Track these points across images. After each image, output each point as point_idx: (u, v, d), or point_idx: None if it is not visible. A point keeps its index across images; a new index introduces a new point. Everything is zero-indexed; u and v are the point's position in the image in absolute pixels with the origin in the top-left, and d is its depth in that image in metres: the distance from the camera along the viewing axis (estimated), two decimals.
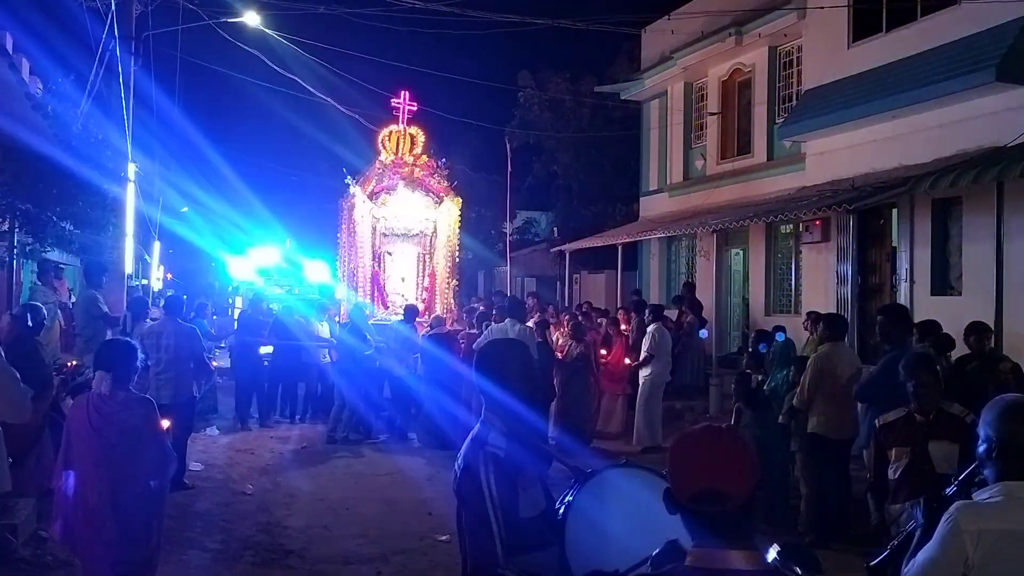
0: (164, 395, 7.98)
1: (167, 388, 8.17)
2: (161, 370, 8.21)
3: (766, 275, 15.53)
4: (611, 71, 24.82)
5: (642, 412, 10.66)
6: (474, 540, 2.57)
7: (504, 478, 2.54)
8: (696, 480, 1.78)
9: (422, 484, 8.88)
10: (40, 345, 6.78)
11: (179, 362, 8.35)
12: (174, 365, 8.30)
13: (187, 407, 8.45)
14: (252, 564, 6.28)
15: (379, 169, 14.40)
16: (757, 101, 15.88)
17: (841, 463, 7.11)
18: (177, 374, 8.32)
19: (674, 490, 1.81)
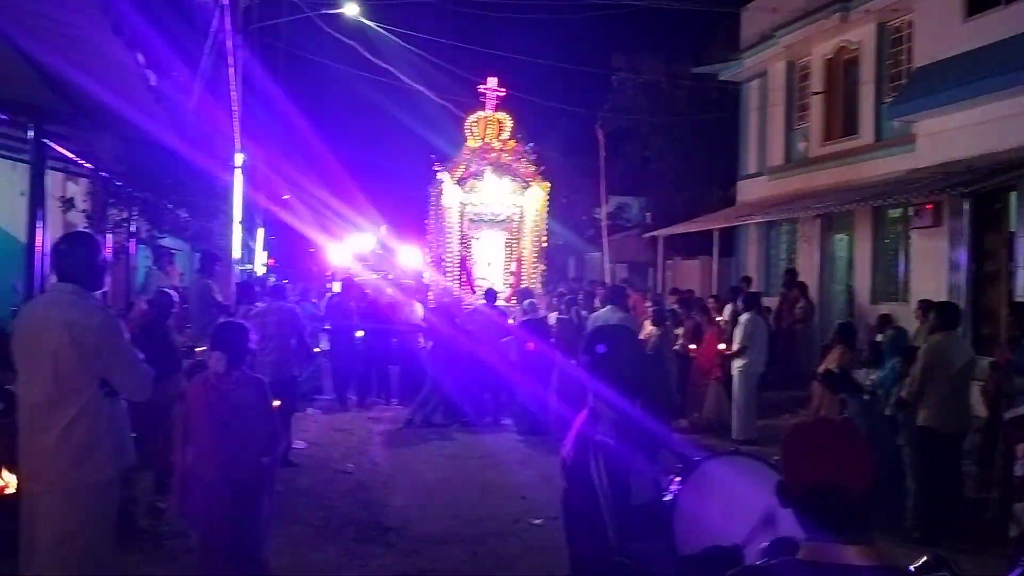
0: (265, 374, 8.25)
1: (268, 367, 8.46)
2: (264, 350, 8.52)
3: (873, 262, 14.92)
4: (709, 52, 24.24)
5: (737, 405, 10.42)
6: (584, 527, 2.57)
7: (615, 464, 2.53)
8: (812, 473, 1.73)
9: (515, 468, 8.94)
10: (170, 329, 7.17)
11: (281, 341, 8.64)
12: (276, 345, 8.59)
13: (288, 386, 8.71)
14: (353, 540, 6.47)
15: (467, 155, 14.51)
16: (864, 80, 15.23)
17: (952, 458, 6.80)
18: (279, 354, 8.60)
19: (788, 483, 1.77)
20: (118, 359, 3.61)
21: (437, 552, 6.24)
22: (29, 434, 3.59)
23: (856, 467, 1.72)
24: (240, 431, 4.26)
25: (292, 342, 8.84)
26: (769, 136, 18.44)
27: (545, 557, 6.12)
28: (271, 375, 8.28)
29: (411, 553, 6.22)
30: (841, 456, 1.73)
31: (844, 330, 8.98)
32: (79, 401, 3.55)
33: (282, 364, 8.59)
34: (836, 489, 1.69)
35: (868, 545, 1.71)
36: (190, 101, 7.86)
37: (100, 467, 3.59)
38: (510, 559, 6.17)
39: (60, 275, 3.73)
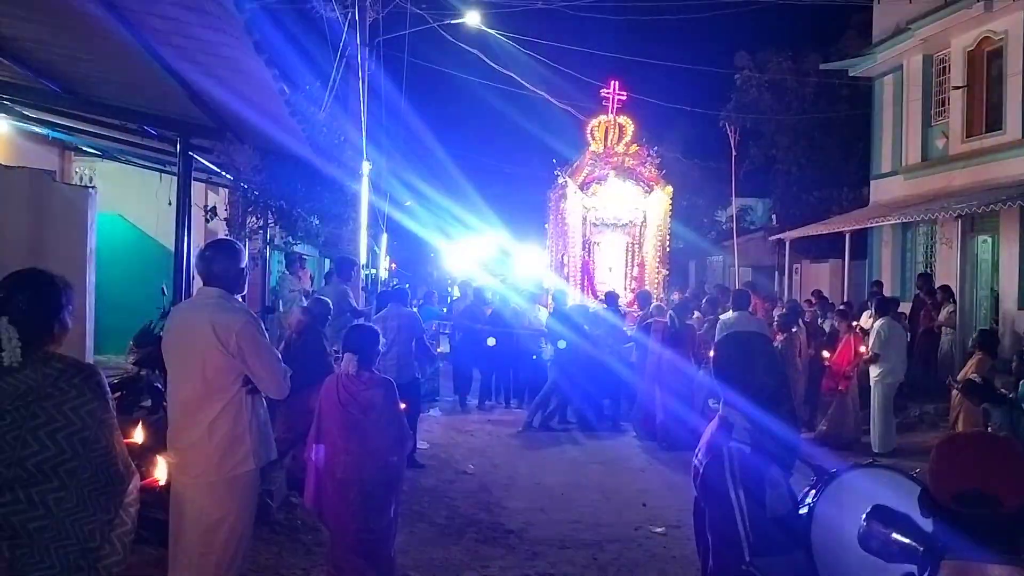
0: (397, 377, 8.50)
1: (391, 370, 8.69)
2: (386, 352, 8.79)
3: (1020, 265, 13.91)
4: (838, 47, 23.30)
5: (875, 416, 9.92)
6: (718, 537, 2.52)
7: (750, 474, 2.47)
8: (962, 479, 1.63)
9: (636, 475, 8.86)
10: (323, 335, 7.53)
11: (402, 345, 8.86)
12: (397, 348, 8.81)
13: (411, 388, 8.91)
14: (475, 540, 6.56)
15: (590, 159, 14.47)
16: (1011, 72, 14.24)
17: None
18: (400, 356, 8.82)
19: (934, 490, 1.67)
20: (259, 358, 3.80)
21: (557, 556, 6.25)
22: (178, 430, 3.83)
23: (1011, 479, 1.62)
24: (369, 430, 4.41)
25: (412, 345, 9.06)
26: (905, 133, 17.51)
27: (667, 566, 6.03)
28: (394, 377, 8.55)
29: (532, 556, 6.25)
30: (996, 465, 1.63)
31: (985, 337, 8.45)
32: (224, 398, 3.75)
33: (403, 367, 8.81)
34: (987, 499, 1.60)
35: (1018, 565, 1.59)
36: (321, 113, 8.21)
37: (243, 461, 3.78)
38: (631, 566, 6.10)
39: (205, 280, 3.96)
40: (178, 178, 6.22)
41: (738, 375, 2.64)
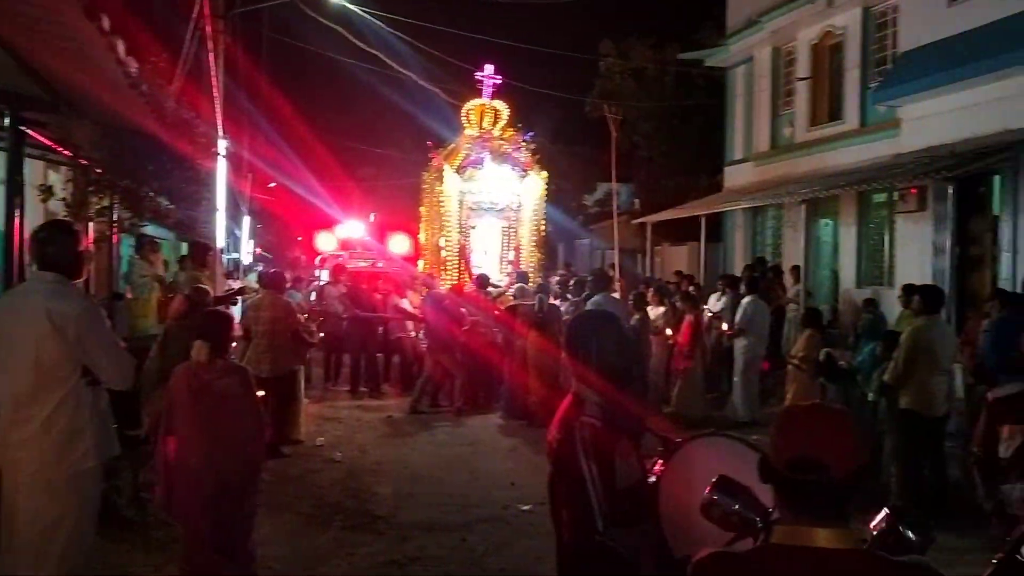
0: (264, 368, 8.22)
1: (266, 361, 8.42)
2: (260, 343, 8.48)
3: (857, 246, 14.99)
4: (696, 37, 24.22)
5: (738, 387, 10.47)
6: (572, 510, 2.58)
7: (601, 447, 2.53)
8: (797, 445, 1.72)
9: (504, 455, 8.97)
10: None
11: (275, 335, 8.54)
12: (272, 338, 8.51)
13: (287, 379, 8.63)
14: (342, 528, 6.47)
15: (465, 143, 14.44)
16: (849, 65, 15.25)
17: (936, 440, 6.86)
18: (275, 347, 8.51)
19: (772, 457, 1.76)
20: (100, 347, 3.58)
21: (426, 539, 6.25)
22: (10, 425, 3.55)
23: (841, 448, 1.71)
24: (224, 421, 4.24)
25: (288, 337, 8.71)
26: (755, 122, 18.46)
27: (535, 543, 6.13)
28: (268, 370, 8.27)
29: (400, 540, 6.22)
30: (827, 435, 1.72)
31: (811, 315, 9.12)
32: (61, 390, 3.52)
33: (278, 358, 8.51)
34: (817, 467, 1.68)
35: (843, 529, 1.69)
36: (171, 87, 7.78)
37: (83, 457, 3.56)
38: (499, 545, 6.18)
39: (40, 264, 3.69)
40: (8, 154, 5.75)
41: (589, 353, 2.71)
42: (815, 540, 1.68)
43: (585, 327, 2.82)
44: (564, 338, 2.85)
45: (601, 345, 2.70)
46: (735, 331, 10.57)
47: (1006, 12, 10.97)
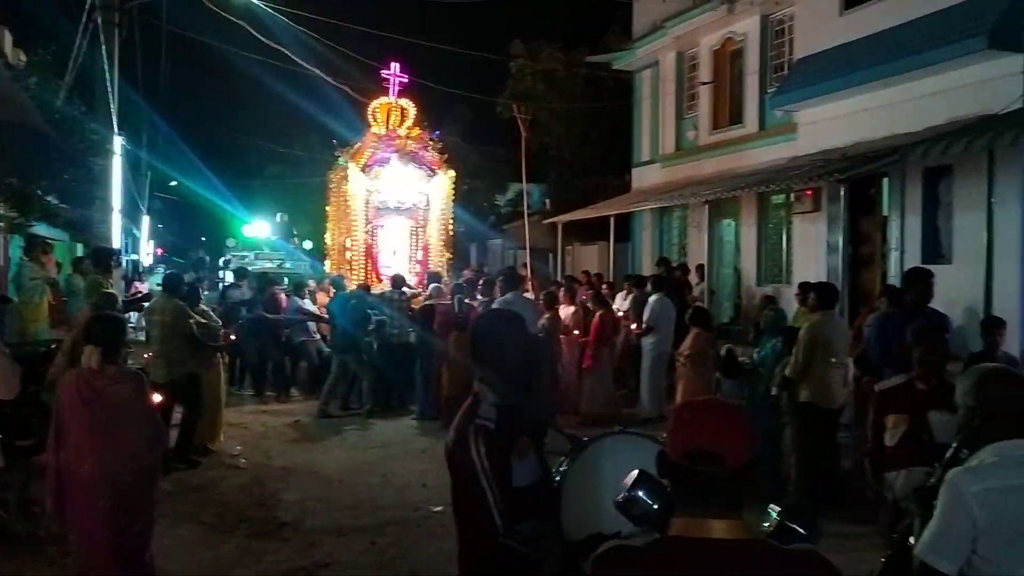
0: (159, 374, 7.97)
1: (160, 366, 8.13)
2: (154, 348, 8.17)
3: (757, 245, 15.54)
4: (604, 41, 24.63)
5: (645, 383, 10.68)
6: (469, 512, 2.58)
7: (496, 449, 2.54)
8: (692, 438, 1.76)
9: (416, 456, 8.90)
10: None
11: (173, 340, 8.23)
12: (168, 343, 8.21)
13: (186, 385, 8.33)
14: (247, 536, 6.31)
15: (371, 142, 14.30)
16: (749, 70, 15.79)
17: (831, 432, 7.17)
18: (169, 351, 8.21)
19: (669, 450, 1.80)
20: None
21: (335, 544, 6.16)
22: None
23: (735, 441, 1.76)
24: (117, 428, 4.06)
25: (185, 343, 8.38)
26: (662, 124, 18.89)
27: (446, 544, 6.07)
28: (164, 376, 7.97)
29: (308, 547, 6.11)
30: (721, 428, 1.77)
31: (698, 313, 9.42)
32: None
33: (174, 363, 8.21)
34: (711, 458, 1.73)
35: (736, 520, 1.75)
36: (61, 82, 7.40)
37: None
38: (410, 547, 6.15)
39: None
40: None
41: (491, 352, 2.72)
42: (711, 531, 1.72)
43: (489, 326, 2.83)
44: (469, 337, 2.84)
45: (504, 345, 2.72)
46: (643, 328, 10.81)
47: (893, 22, 11.57)
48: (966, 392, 2.62)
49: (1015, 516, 2.36)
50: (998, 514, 2.36)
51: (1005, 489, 2.38)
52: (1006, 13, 9.92)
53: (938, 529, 2.46)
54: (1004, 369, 2.75)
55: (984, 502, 2.37)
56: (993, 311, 8.95)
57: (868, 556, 5.60)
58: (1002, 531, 2.36)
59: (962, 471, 2.51)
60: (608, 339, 10.72)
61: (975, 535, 2.38)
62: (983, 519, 2.37)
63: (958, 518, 2.41)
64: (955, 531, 2.42)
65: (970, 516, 2.38)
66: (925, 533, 2.51)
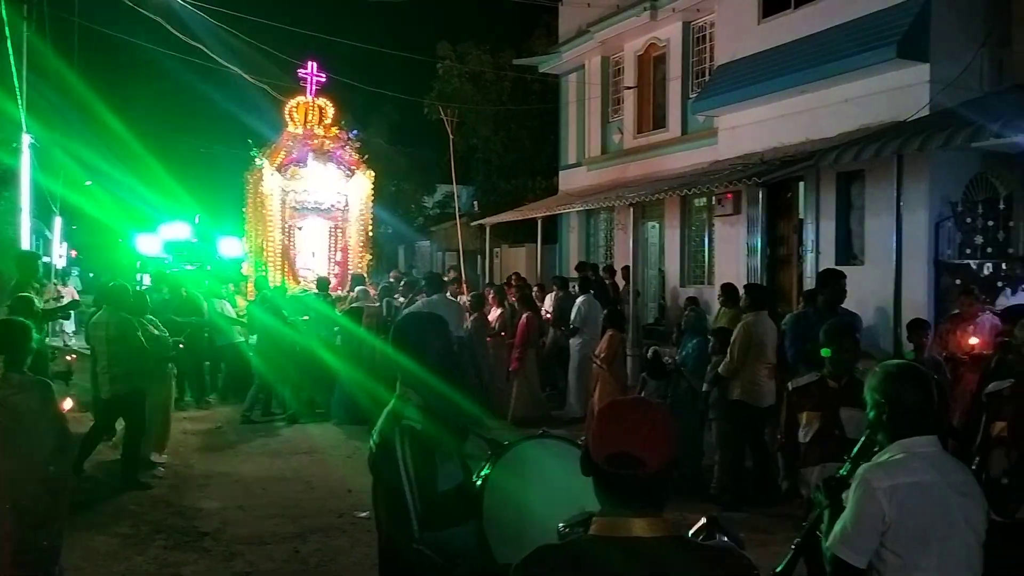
0: (104, 389, 7.73)
1: (107, 382, 7.76)
2: (102, 364, 7.79)
3: (681, 247, 15.85)
4: (530, 44, 24.78)
5: (572, 384, 10.76)
6: (389, 515, 2.55)
7: (420, 452, 2.53)
8: (614, 442, 1.78)
9: (341, 461, 8.78)
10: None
11: (119, 355, 7.76)
12: (114, 358, 7.75)
13: (131, 401, 7.86)
14: (164, 548, 6.12)
15: (288, 141, 14.09)
16: (672, 76, 16.09)
17: (761, 429, 7.33)
18: (116, 367, 7.75)
19: (592, 451, 1.82)
20: None
21: (257, 554, 6.02)
22: None
23: (656, 443, 1.78)
24: (23, 440, 3.88)
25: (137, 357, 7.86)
26: (587, 128, 19.11)
27: (371, 550, 6.01)
28: (109, 391, 7.73)
29: (229, 557, 5.96)
30: (642, 431, 1.78)
31: (612, 315, 9.60)
32: None
33: (120, 378, 7.74)
34: (633, 461, 1.75)
35: (657, 517, 1.78)
36: None
37: None
38: (334, 554, 6.06)
39: None
40: None
41: (413, 355, 2.70)
42: (632, 529, 1.75)
43: (410, 329, 2.81)
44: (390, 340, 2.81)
45: (426, 347, 2.70)
46: (570, 330, 10.90)
47: (808, 31, 11.96)
48: (874, 388, 2.70)
49: (920, 510, 2.46)
50: (905, 509, 2.46)
51: (911, 484, 2.48)
52: (914, 24, 10.36)
53: (849, 524, 2.54)
54: (910, 366, 2.84)
55: (892, 497, 2.46)
56: (902, 310, 9.33)
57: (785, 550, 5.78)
58: (908, 525, 2.46)
59: (872, 467, 2.60)
60: (534, 341, 10.77)
61: (884, 529, 2.47)
62: (891, 514, 2.46)
63: (868, 513, 2.49)
64: (865, 526, 2.50)
65: (880, 511, 2.47)
66: (836, 527, 2.59)
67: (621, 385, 9.11)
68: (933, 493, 2.48)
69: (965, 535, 2.48)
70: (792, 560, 2.86)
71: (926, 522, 2.46)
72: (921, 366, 2.99)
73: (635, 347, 12.63)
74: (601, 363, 9.13)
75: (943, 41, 10.38)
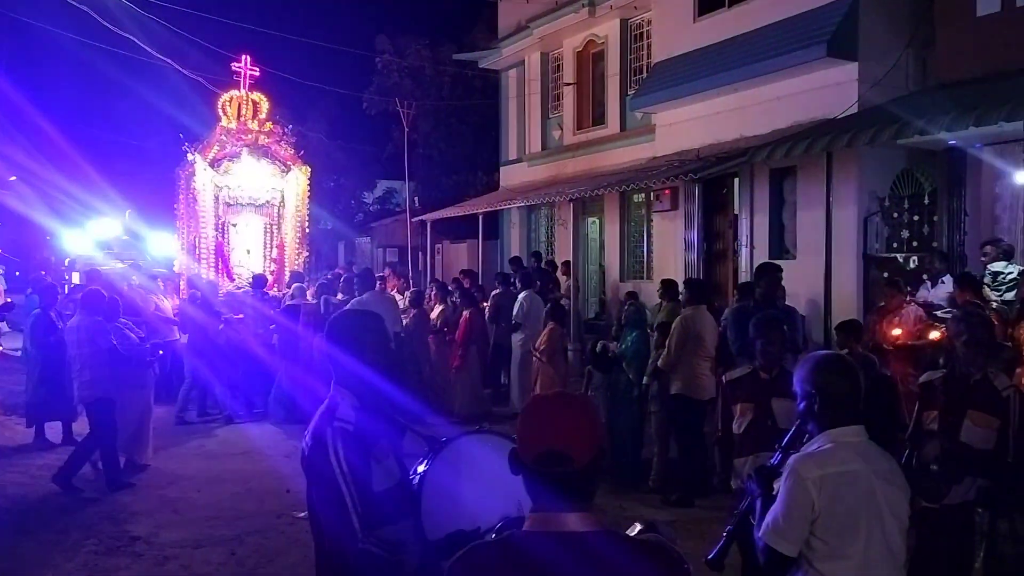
0: (85, 395, 7.60)
1: (86, 388, 7.60)
2: (75, 370, 7.64)
3: (620, 243, 16.01)
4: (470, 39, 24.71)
5: (515, 379, 10.78)
6: (328, 517, 2.52)
7: (355, 451, 2.50)
8: (540, 442, 1.79)
9: (279, 461, 8.63)
10: None
11: (91, 361, 7.56)
12: (85, 364, 7.57)
13: (100, 408, 7.63)
14: (94, 553, 5.95)
15: (221, 135, 13.79)
16: (610, 73, 16.23)
17: (701, 422, 7.43)
18: (87, 373, 7.57)
19: (520, 451, 1.82)
20: None
21: (191, 557, 5.90)
22: None
23: (582, 438, 1.79)
24: None
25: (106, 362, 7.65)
26: (528, 124, 19.15)
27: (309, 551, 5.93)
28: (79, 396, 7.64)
29: (162, 561, 5.83)
30: (569, 427, 1.79)
31: (553, 310, 9.69)
32: None
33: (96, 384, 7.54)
34: (562, 458, 1.76)
35: (588, 512, 1.79)
36: None
37: None
38: (272, 555, 5.97)
39: None
40: None
41: (347, 352, 2.67)
42: (566, 524, 1.76)
43: (343, 326, 2.77)
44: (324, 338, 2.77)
45: (360, 345, 2.67)
46: (512, 325, 10.90)
47: (742, 30, 12.19)
48: (803, 379, 2.75)
49: (847, 498, 2.53)
50: (833, 497, 2.52)
51: (839, 474, 2.55)
52: (843, 23, 10.64)
53: (780, 513, 2.60)
54: (838, 357, 2.91)
55: (822, 487, 2.52)
56: (833, 302, 9.60)
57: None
58: (836, 513, 2.53)
59: (802, 457, 2.66)
60: (476, 338, 10.77)
61: (813, 518, 2.54)
62: (820, 503, 2.52)
63: (799, 503, 2.55)
64: (795, 515, 2.56)
65: (809, 500, 2.53)
66: (768, 516, 2.65)
67: (561, 379, 9.18)
68: (860, 482, 2.55)
69: (889, 522, 2.56)
70: (724, 547, 2.92)
71: (853, 510, 2.53)
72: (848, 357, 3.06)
73: (576, 342, 12.75)
74: (540, 356, 9.18)
75: (871, 41, 10.69)
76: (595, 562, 1.74)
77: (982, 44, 9.69)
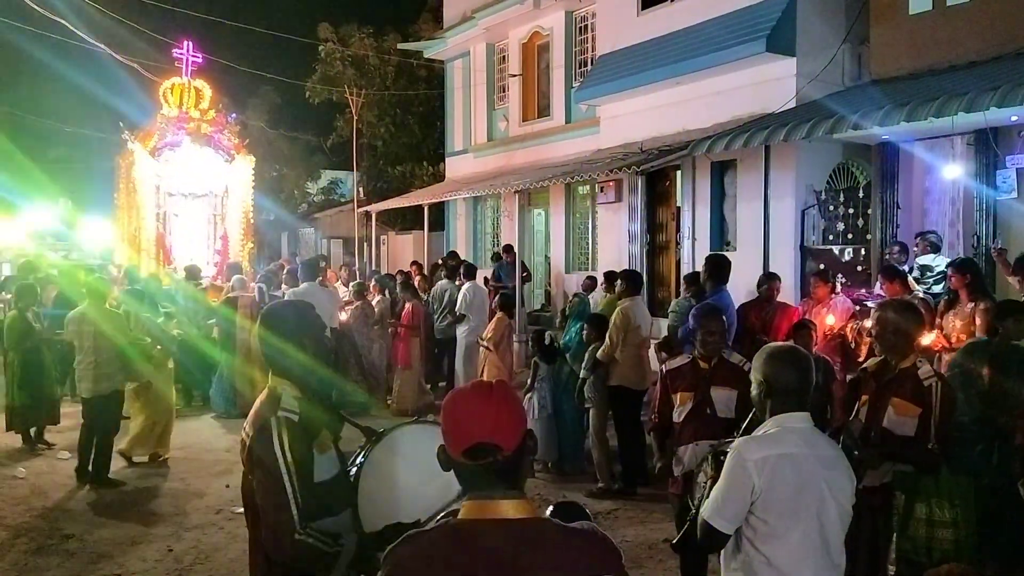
0: (84, 387, 7.42)
1: (88, 380, 7.39)
2: (84, 360, 7.40)
3: (566, 234, 16.11)
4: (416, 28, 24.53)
5: (460, 370, 10.76)
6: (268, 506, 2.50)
7: (297, 442, 2.49)
8: (467, 436, 1.79)
9: (219, 455, 8.52)
10: None
11: (105, 351, 7.37)
12: (100, 354, 7.35)
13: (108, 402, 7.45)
14: (26, 552, 5.80)
15: (161, 124, 13.47)
16: (555, 65, 16.29)
17: (639, 413, 7.54)
18: (99, 364, 7.36)
19: (448, 446, 1.83)
20: None
21: (126, 555, 5.77)
22: None
23: (508, 425, 1.81)
24: None
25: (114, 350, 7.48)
26: (473, 115, 19.11)
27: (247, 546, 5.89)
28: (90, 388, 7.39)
29: (96, 559, 5.70)
30: (492, 417, 1.80)
31: (503, 300, 9.74)
32: None
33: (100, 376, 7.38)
34: (490, 448, 1.77)
35: (519, 499, 1.81)
36: None
37: None
38: (211, 551, 5.88)
39: None
40: None
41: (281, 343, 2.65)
42: (501, 511, 1.77)
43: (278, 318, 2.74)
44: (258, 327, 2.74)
45: (297, 336, 2.65)
46: (458, 316, 10.87)
47: (684, 24, 12.34)
48: (757, 369, 2.84)
49: (788, 481, 2.62)
50: (774, 479, 2.61)
51: (781, 456, 2.63)
52: (782, 20, 10.85)
53: (721, 493, 2.69)
54: (791, 348, 2.98)
55: (762, 468, 2.61)
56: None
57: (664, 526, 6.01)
58: (777, 494, 2.61)
59: (746, 440, 2.76)
60: (418, 329, 10.72)
61: (753, 498, 2.62)
62: (760, 483, 2.61)
63: (738, 483, 2.64)
64: (735, 495, 2.65)
65: (749, 481, 2.61)
66: (711, 493, 2.73)
67: (508, 368, 9.20)
68: (801, 465, 2.63)
69: (829, 505, 2.65)
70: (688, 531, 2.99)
71: (794, 492, 2.62)
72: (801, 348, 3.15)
73: (522, 333, 12.80)
74: (487, 344, 9.19)
75: (808, 37, 10.93)
76: (534, 548, 1.75)
77: (914, 41, 9.99)
